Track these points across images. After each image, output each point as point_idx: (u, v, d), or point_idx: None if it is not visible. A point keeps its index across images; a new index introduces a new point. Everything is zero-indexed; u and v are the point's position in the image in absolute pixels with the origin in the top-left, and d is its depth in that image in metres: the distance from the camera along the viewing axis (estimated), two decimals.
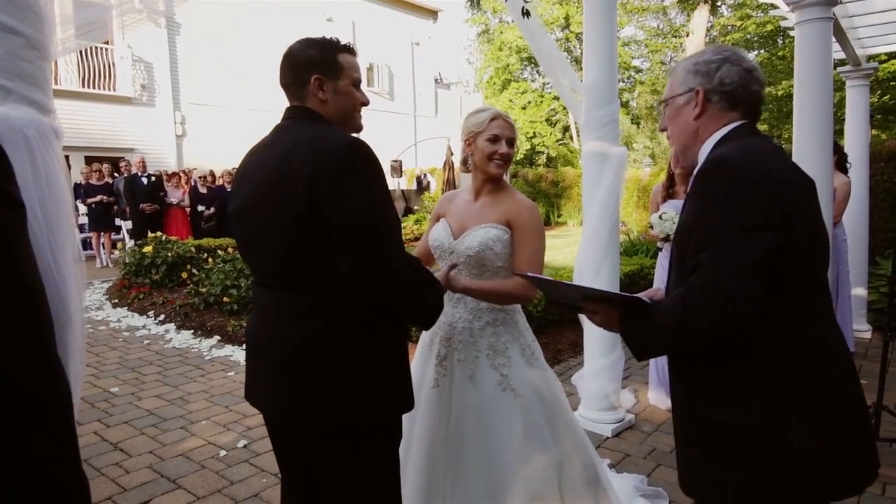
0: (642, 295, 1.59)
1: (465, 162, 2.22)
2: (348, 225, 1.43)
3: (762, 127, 20.53)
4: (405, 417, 2.24)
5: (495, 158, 2.12)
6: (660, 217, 3.94)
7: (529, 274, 1.71)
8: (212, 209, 11.70)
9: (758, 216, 1.23)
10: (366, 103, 1.72)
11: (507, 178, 2.25)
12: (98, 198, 11.05)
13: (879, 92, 15.23)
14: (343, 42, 1.68)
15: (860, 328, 5.79)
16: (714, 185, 1.29)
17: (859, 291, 5.82)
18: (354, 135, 1.61)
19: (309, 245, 1.47)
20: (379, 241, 1.46)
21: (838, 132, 6.77)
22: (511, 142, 2.15)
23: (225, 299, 6.68)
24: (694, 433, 1.40)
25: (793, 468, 1.26)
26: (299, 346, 1.52)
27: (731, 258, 1.22)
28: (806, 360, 1.29)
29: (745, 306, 1.20)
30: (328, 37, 1.68)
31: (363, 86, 1.74)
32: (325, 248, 1.46)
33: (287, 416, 1.60)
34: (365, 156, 1.48)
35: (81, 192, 11.03)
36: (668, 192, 4.22)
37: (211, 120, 17.26)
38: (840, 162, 5.05)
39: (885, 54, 11.36)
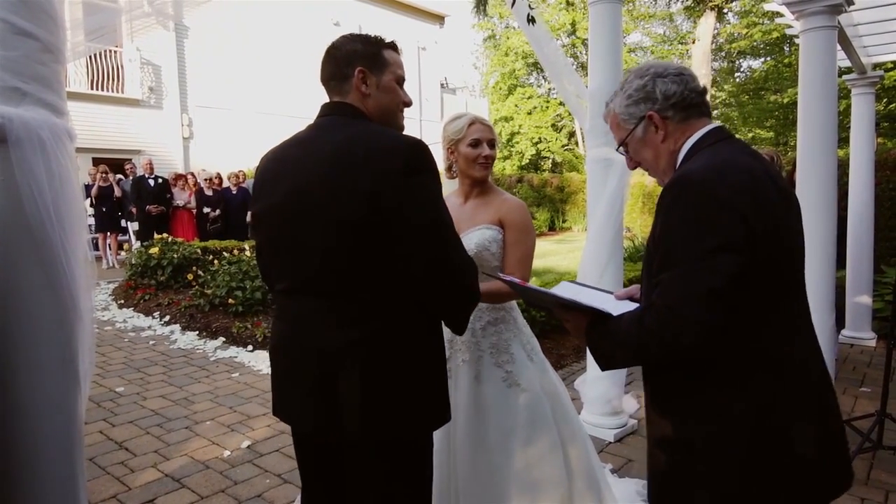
0: (622, 293, 1.60)
1: (449, 169, 2.27)
2: (419, 227, 1.39)
3: (767, 135, 20.53)
4: None
5: (479, 161, 2.18)
6: None
7: (506, 278, 1.71)
8: (217, 211, 11.75)
9: (721, 237, 1.18)
10: (409, 103, 1.64)
11: (490, 179, 2.31)
12: (96, 186, 11.04)
13: (886, 100, 15.22)
14: (389, 40, 1.62)
15: (865, 336, 5.79)
16: (677, 205, 1.25)
17: (864, 300, 5.81)
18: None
19: (360, 250, 1.40)
20: (446, 243, 1.44)
21: (844, 140, 6.77)
22: (492, 143, 2.21)
23: (230, 301, 6.71)
24: (662, 445, 1.38)
25: (761, 484, 1.25)
26: (344, 356, 1.44)
27: (690, 283, 1.19)
28: (773, 375, 1.26)
29: (699, 333, 1.18)
30: (373, 34, 1.62)
31: None
32: (379, 252, 1.40)
33: (327, 428, 1.50)
34: (428, 157, 1.44)
35: (92, 193, 11.10)
36: None
37: (218, 123, 17.35)
38: None
39: (892, 62, 11.36)
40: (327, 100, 1.61)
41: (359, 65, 1.54)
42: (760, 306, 1.25)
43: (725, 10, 22.93)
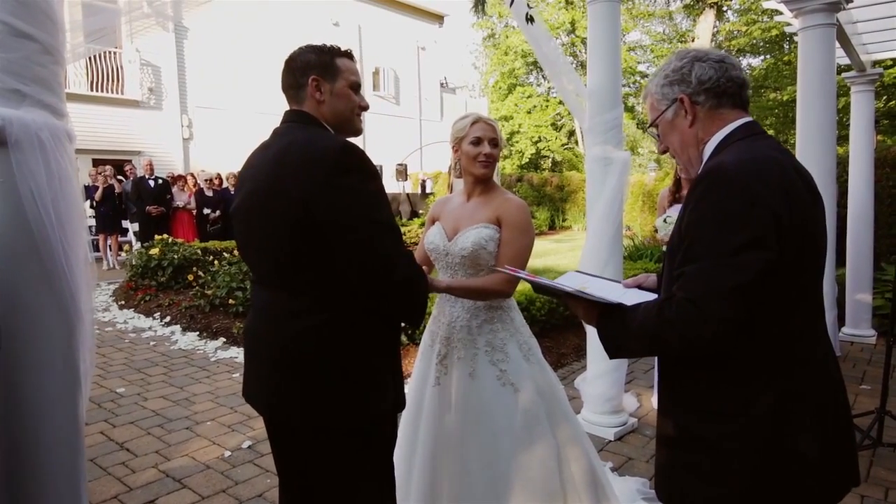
0: (630, 281, 1.60)
1: (455, 167, 2.30)
2: (344, 226, 1.46)
3: (768, 132, 20.51)
4: (410, 418, 2.29)
5: (479, 159, 2.20)
6: (664, 220, 3.96)
7: (507, 269, 1.75)
8: (217, 212, 11.76)
9: (751, 233, 1.17)
10: (365, 107, 1.73)
11: (497, 179, 2.33)
12: (100, 190, 11.06)
13: (885, 97, 15.21)
14: (343, 48, 1.72)
15: (865, 333, 5.79)
16: (708, 197, 1.24)
17: (864, 297, 5.81)
18: (350, 139, 1.63)
19: (303, 246, 1.49)
20: (375, 240, 1.49)
21: (844, 137, 6.79)
22: (493, 142, 2.22)
23: (230, 301, 6.72)
24: (676, 444, 1.37)
25: (776, 484, 1.24)
26: (292, 344, 1.55)
27: (714, 278, 1.18)
28: (797, 374, 1.26)
29: (720, 329, 1.17)
30: (328, 43, 1.72)
31: (368, 90, 1.76)
32: (320, 249, 1.48)
33: (279, 413, 1.63)
34: (356, 158, 1.51)
35: (95, 196, 11.10)
36: (675, 197, 4.22)
37: (217, 123, 17.36)
38: None
39: (891, 59, 11.36)
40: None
41: (312, 74, 1.64)
42: (785, 305, 1.24)
43: (725, 8, 22.95)
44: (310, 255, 1.50)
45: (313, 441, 1.60)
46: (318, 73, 1.64)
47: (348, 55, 1.72)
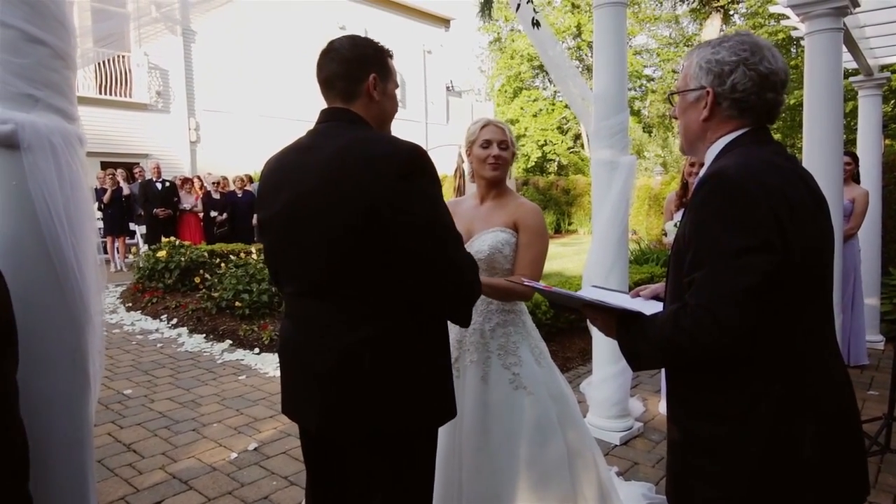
0: (648, 292, 1.60)
1: (470, 172, 2.33)
2: (416, 230, 1.41)
3: (775, 136, 20.46)
4: None
5: (489, 161, 2.22)
6: (674, 225, 3.96)
7: (526, 282, 1.76)
8: (224, 215, 11.81)
9: (755, 237, 1.17)
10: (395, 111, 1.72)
11: (511, 183, 2.33)
12: (108, 192, 11.14)
13: (893, 101, 15.13)
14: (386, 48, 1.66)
15: (873, 339, 5.74)
16: (710, 202, 1.24)
17: (872, 301, 5.77)
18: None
19: (361, 252, 1.43)
20: (445, 245, 1.46)
21: (851, 142, 6.76)
22: (503, 144, 2.23)
23: (237, 304, 6.74)
24: (683, 447, 1.37)
25: (777, 489, 1.24)
26: (347, 356, 1.47)
27: (723, 282, 1.18)
28: (799, 378, 1.26)
29: (735, 333, 1.17)
30: (374, 40, 1.65)
31: None
32: (378, 256, 1.43)
33: (333, 427, 1.54)
34: (424, 161, 1.46)
35: (104, 199, 11.16)
36: (682, 201, 4.22)
37: (225, 126, 17.43)
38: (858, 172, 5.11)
39: None
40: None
41: (373, 70, 1.55)
42: (791, 308, 1.24)
43: (731, 12, 22.88)
44: (370, 261, 1.43)
45: (364, 451, 1.55)
46: (377, 71, 1.56)
47: (393, 56, 1.65)
